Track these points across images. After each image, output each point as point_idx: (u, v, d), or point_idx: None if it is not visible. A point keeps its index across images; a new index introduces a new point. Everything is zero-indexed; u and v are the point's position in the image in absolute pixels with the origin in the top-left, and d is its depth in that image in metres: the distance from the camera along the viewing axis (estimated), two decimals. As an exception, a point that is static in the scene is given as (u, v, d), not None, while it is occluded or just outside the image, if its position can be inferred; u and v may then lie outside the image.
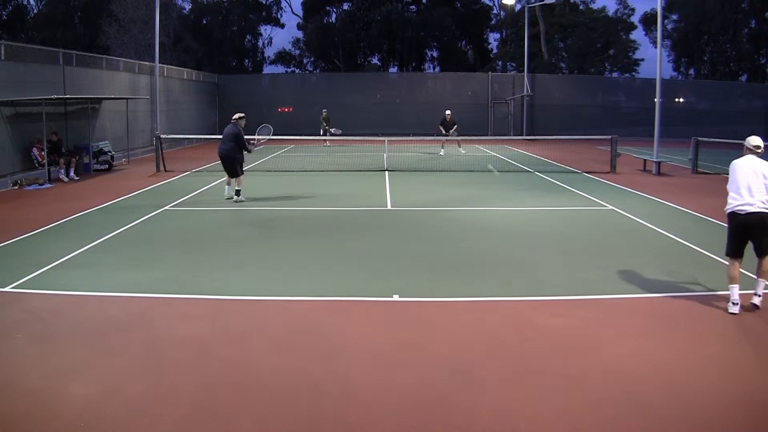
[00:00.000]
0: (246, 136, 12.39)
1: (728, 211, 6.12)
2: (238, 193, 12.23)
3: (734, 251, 6.13)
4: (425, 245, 8.85)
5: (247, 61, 47.14)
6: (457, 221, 10.65)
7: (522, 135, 31.15)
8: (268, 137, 13.22)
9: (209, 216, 11.14)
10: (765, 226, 5.90)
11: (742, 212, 5.96)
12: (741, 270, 6.09)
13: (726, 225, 6.31)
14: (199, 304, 6.29)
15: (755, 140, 6.19)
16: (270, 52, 60.46)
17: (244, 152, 12.37)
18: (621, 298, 6.45)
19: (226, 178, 12.56)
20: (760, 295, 6.00)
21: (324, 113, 26.71)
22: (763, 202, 5.89)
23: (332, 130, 25.62)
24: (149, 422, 3.99)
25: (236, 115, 12.30)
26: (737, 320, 5.84)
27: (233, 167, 12.17)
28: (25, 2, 41.59)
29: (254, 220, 10.75)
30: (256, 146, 13.17)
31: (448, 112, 23.20)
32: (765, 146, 6.33)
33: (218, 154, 12.35)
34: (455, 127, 22.88)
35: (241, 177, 12.28)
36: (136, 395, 4.33)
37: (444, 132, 22.61)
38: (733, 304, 5.93)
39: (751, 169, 6.00)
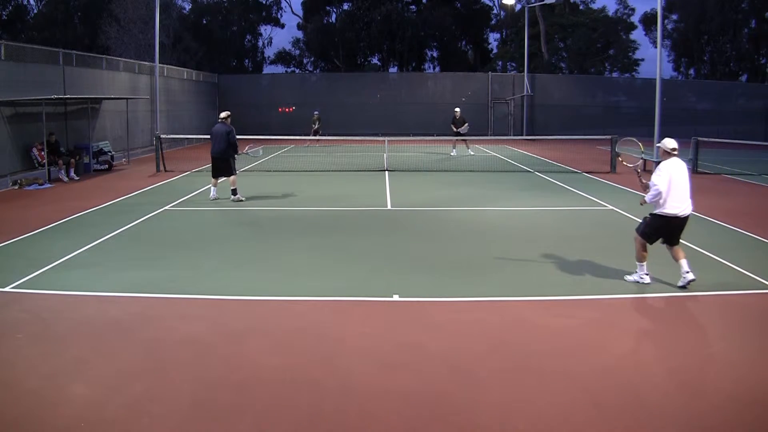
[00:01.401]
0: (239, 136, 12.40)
1: (670, 214, 6.57)
2: (234, 192, 12.20)
3: (653, 240, 6.77)
4: (425, 245, 8.85)
5: (247, 61, 47.15)
6: (458, 221, 10.65)
7: (522, 135, 31.14)
8: (256, 156, 13.48)
9: (209, 216, 11.15)
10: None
11: (683, 215, 6.60)
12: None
13: (652, 216, 6.79)
14: (199, 304, 6.29)
15: (672, 143, 6.74)
16: (270, 52, 60.41)
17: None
18: (621, 298, 6.45)
19: (213, 180, 12.41)
20: (689, 271, 6.54)
21: (315, 114, 26.26)
22: (691, 204, 6.67)
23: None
24: (149, 422, 3.99)
25: (224, 114, 12.25)
26: (737, 320, 5.85)
27: (228, 167, 12.11)
28: (25, 2, 41.63)
29: (254, 220, 10.75)
30: (242, 151, 13.13)
31: (457, 109, 22.57)
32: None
33: (212, 155, 12.20)
34: (465, 124, 22.33)
35: (235, 177, 12.22)
36: (136, 395, 4.33)
37: (456, 130, 22.06)
38: (647, 275, 6.79)
39: (684, 175, 6.64)
